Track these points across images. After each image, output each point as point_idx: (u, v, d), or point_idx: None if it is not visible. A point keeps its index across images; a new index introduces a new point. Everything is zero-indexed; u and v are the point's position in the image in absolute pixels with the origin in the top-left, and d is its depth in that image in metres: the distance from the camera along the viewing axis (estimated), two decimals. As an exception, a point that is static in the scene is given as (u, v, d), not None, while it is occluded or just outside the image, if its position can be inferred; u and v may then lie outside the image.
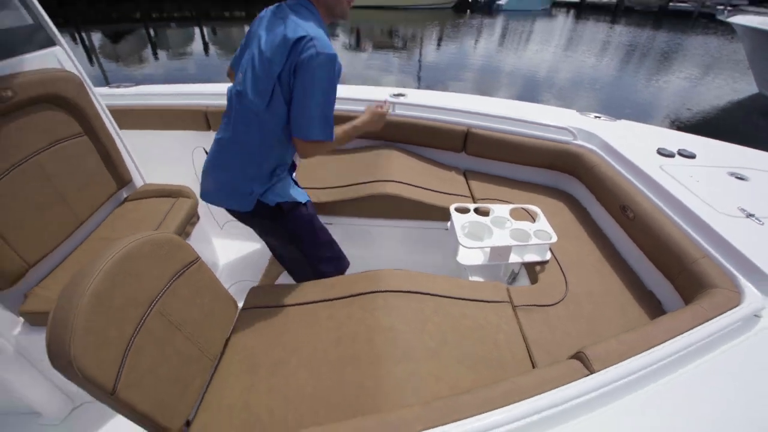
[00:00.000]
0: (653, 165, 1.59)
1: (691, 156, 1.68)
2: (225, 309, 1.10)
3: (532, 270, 1.47)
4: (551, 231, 1.47)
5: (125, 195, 1.78)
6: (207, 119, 2.11)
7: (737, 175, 1.54)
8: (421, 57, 12.37)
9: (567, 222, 1.73)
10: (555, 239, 1.43)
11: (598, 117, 2.11)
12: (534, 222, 1.55)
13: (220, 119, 1.32)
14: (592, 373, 0.81)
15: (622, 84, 9.70)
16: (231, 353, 1.08)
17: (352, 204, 1.79)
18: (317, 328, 1.13)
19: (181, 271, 0.95)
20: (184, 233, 1.70)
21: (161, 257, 0.91)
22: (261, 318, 1.18)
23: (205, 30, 15.89)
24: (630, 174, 1.60)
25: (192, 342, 0.94)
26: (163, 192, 1.77)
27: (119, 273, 0.80)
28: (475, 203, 1.73)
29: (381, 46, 14.25)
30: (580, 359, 0.87)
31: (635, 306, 1.30)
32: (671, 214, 1.35)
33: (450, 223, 1.55)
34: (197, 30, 16.13)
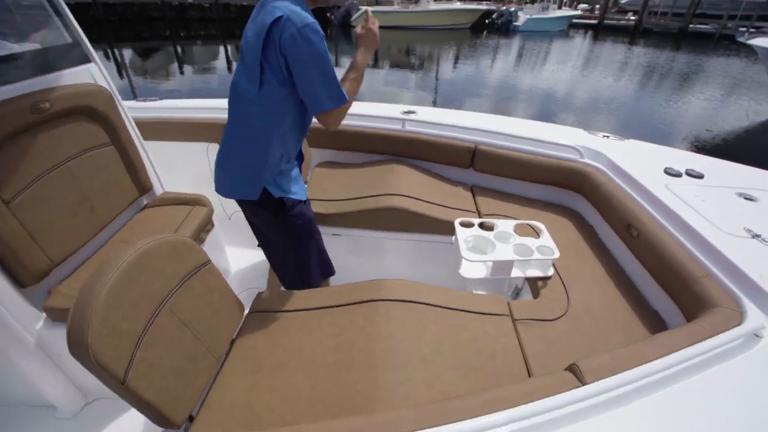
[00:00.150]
0: (659, 184, 1.60)
1: (699, 176, 1.68)
2: (232, 311, 1.15)
3: (534, 285, 1.48)
4: (554, 247, 1.48)
5: (145, 202, 1.87)
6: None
7: (746, 196, 1.53)
8: (438, 76, 12.58)
9: (572, 239, 1.74)
10: (557, 255, 1.45)
11: (606, 136, 2.13)
12: (538, 238, 1.57)
13: None
14: (583, 385, 0.82)
15: (640, 105, 9.65)
16: (235, 354, 1.13)
17: (359, 216, 1.84)
18: (318, 333, 1.17)
19: (193, 272, 1.01)
20: (198, 239, 1.77)
21: (174, 258, 0.97)
22: (266, 322, 1.23)
23: (229, 48, 16.54)
24: (635, 193, 1.61)
25: (199, 340, 0.99)
26: (181, 200, 1.86)
27: (135, 270, 0.86)
28: (481, 218, 1.76)
29: (398, 64, 14.55)
30: (572, 371, 0.88)
31: (638, 324, 1.30)
32: (675, 232, 1.36)
33: (455, 237, 1.58)
34: (221, 48, 16.81)
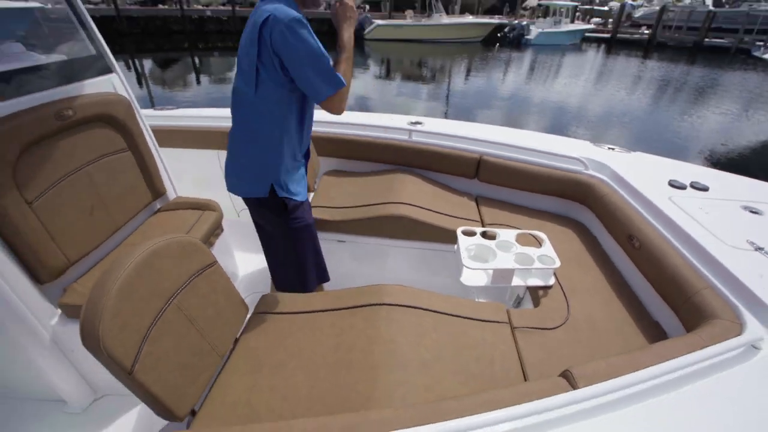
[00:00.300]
0: (662, 196, 1.60)
1: (704, 188, 1.68)
2: (236, 311, 1.19)
3: (536, 294, 1.49)
4: (555, 256, 1.50)
5: (158, 206, 1.94)
6: None
7: (751, 209, 1.53)
8: (449, 88, 12.69)
9: (575, 249, 1.74)
10: (558, 264, 1.46)
11: (611, 148, 2.14)
12: (540, 247, 1.58)
13: None
14: (574, 390, 0.83)
15: (654, 118, 9.57)
16: (238, 352, 1.16)
17: (364, 223, 1.88)
18: (319, 334, 1.20)
19: (200, 272, 1.06)
20: (208, 243, 1.83)
21: (183, 258, 1.02)
22: (269, 323, 1.26)
23: (245, 59, 16.92)
24: (638, 204, 1.62)
25: (204, 337, 1.03)
26: (192, 205, 1.92)
27: (145, 268, 0.90)
28: (484, 228, 1.78)
29: (410, 76, 14.73)
30: (566, 377, 0.89)
31: (638, 335, 1.29)
32: (676, 244, 1.36)
33: (457, 246, 1.61)
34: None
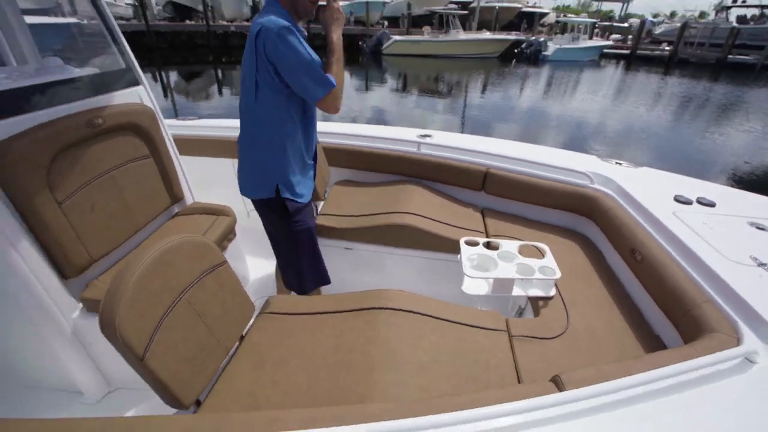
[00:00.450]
0: (666, 210, 1.61)
1: (711, 204, 1.68)
2: (243, 309, 1.25)
3: (536, 305, 1.51)
4: (556, 267, 1.51)
5: (176, 210, 2.04)
6: None
7: (758, 225, 1.52)
8: (466, 102, 12.78)
9: (579, 262, 1.75)
10: (558, 275, 1.48)
11: (619, 163, 2.15)
12: (541, 259, 1.60)
13: None
14: (560, 392, 0.85)
15: (674, 134, 9.41)
16: (244, 348, 1.22)
17: (371, 232, 1.94)
18: (320, 335, 1.25)
19: (210, 270, 1.13)
20: (221, 246, 1.91)
21: (195, 256, 1.09)
22: (274, 322, 1.32)
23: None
24: (641, 218, 1.62)
25: (211, 332, 1.09)
26: (208, 210, 2.02)
27: (160, 264, 0.98)
28: (488, 238, 1.81)
29: (427, 91, 14.91)
30: (554, 381, 0.92)
31: (637, 347, 1.30)
32: (678, 258, 1.36)
33: (460, 255, 1.64)
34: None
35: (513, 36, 24.11)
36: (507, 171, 2.12)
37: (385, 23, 28.62)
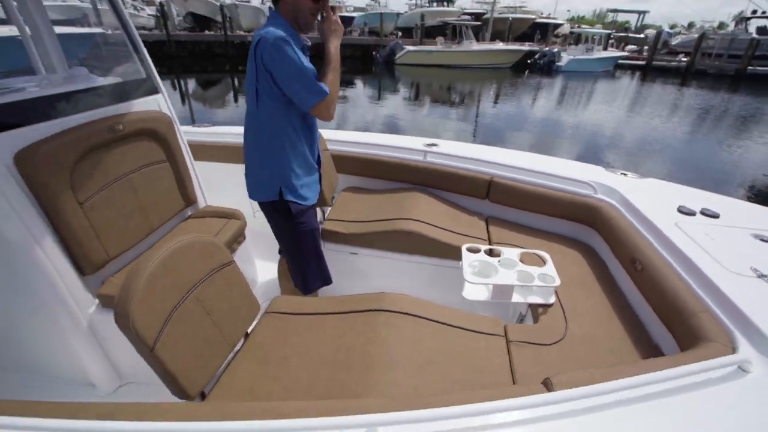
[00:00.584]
0: (668, 221, 1.61)
1: (715, 215, 1.68)
2: (249, 308, 1.31)
3: (536, 312, 1.53)
4: (555, 275, 1.53)
5: (189, 213, 2.12)
6: None
7: (761, 237, 1.52)
8: (477, 112, 12.82)
9: (581, 271, 1.77)
10: (558, 283, 1.50)
11: (624, 174, 2.16)
12: (542, 267, 1.62)
13: None
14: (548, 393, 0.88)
15: (691, 147, 9.27)
16: (248, 345, 1.27)
17: (376, 237, 1.98)
18: (322, 335, 1.29)
19: (218, 269, 1.18)
20: (230, 249, 1.98)
21: (204, 256, 1.15)
22: (278, 321, 1.37)
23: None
24: (643, 228, 1.64)
25: (218, 328, 1.14)
26: (219, 213, 2.09)
27: (171, 262, 1.04)
28: (490, 246, 1.84)
29: (439, 100, 15.02)
30: (545, 384, 0.94)
31: (635, 355, 1.30)
32: (677, 267, 1.37)
33: (462, 261, 1.67)
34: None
35: (526, 47, 24.14)
36: (511, 180, 2.14)
37: (399, 34, 29.00)
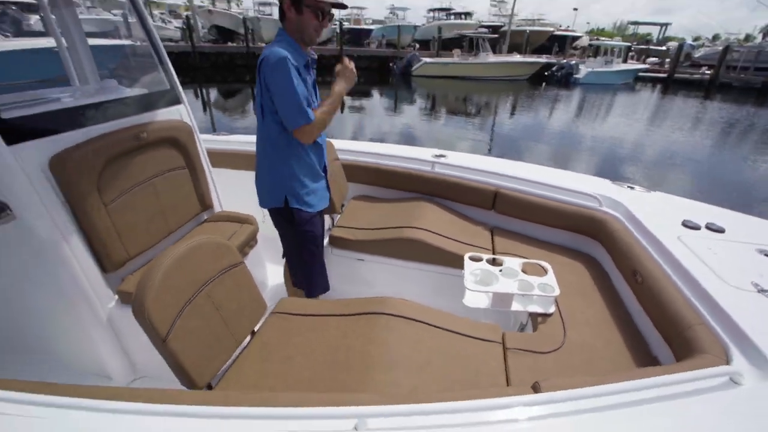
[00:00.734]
0: (671, 234, 1.62)
1: (720, 230, 1.67)
2: (256, 307, 1.38)
3: (536, 321, 1.55)
4: (555, 285, 1.56)
5: (205, 217, 2.23)
6: None
7: (766, 253, 1.51)
8: (493, 123, 12.83)
9: (584, 282, 1.78)
10: (557, 293, 1.52)
11: (631, 187, 2.17)
12: (543, 277, 1.64)
13: None
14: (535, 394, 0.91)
15: (713, 162, 9.03)
16: (254, 343, 1.34)
17: (382, 244, 2.04)
18: (325, 335, 1.35)
19: (228, 269, 1.26)
20: (242, 252, 2.06)
21: (215, 256, 1.23)
22: (283, 321, 1.43)
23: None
24: (645, 240, 1.65)
25: (226, 325, 1.22)
26: (233, 218, 2.19)
27: (184, 260, 1.12)
28: (493, 255, 1.87)
29: (455, 111, 15.09)
30: (534, 388, 0.97)
31: (632, 366, 1.31)
32: (676, 280, 1.38)
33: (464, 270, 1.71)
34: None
35: (543, 59, 24.08)
36: (517, 191, 2.18)
37: (416, 46, 29.32)
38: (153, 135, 1.79)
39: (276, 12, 1.70)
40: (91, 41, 2.08)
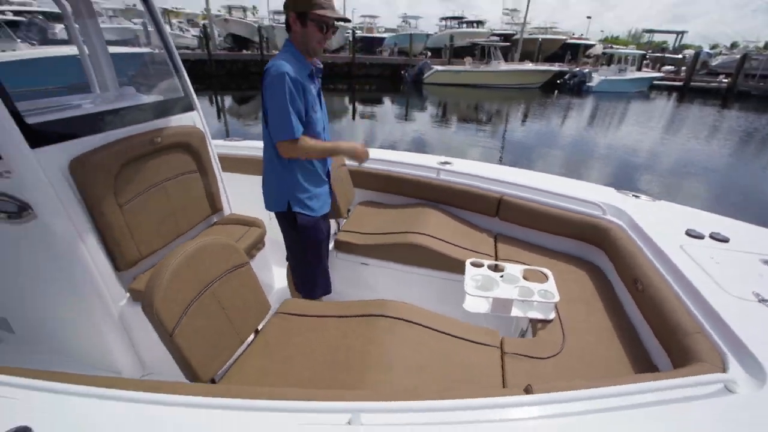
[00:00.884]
0: (673, 244, 1.62)
1: (724, 240, 1.67)
2: (260, 307, 1.42)
3: (536, 327, 1.56)
4: (555, 292, 1.57)
5: (215, 220, 2.29)
6: None
7: None
8: (505, 131, 12.79)
9: (586, 290, 1.78)
10: (557, 299, 1.53)
11: (636, 196, 2.17)
12: (544, 283, 1.65)
13: None
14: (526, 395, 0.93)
15: (730, 172, 8.84)
16: (257, 341, 1.38)
17: (386, 249, 2.08)
18: (325, 335, 1.38)
19: (233, 269, 1.31)
20: (249, 255, 2.12)
21: (222, 256, 1.28)
22: (286, 321, 1.47)
23: (312, 98, 18.56)
24: (647, 249, 1.65)
25: (230, 322, 1.26)
26: (242, 221, 2.25)
27: (192, 260, 1.17)
28: (495, 262, 1.89)
29: (465, 119, 15.11)
30: (526, 390, 0.99)
31: (630, 373, 1.31)
32: (677, 289, 1.39)
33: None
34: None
35: (555, 67, 23.97)
36: (521, 199, 2.19)
37: (428, 54, 29.50)
38: (167, 140, 1.87)
39: None
40: (111, 49, 2.18)
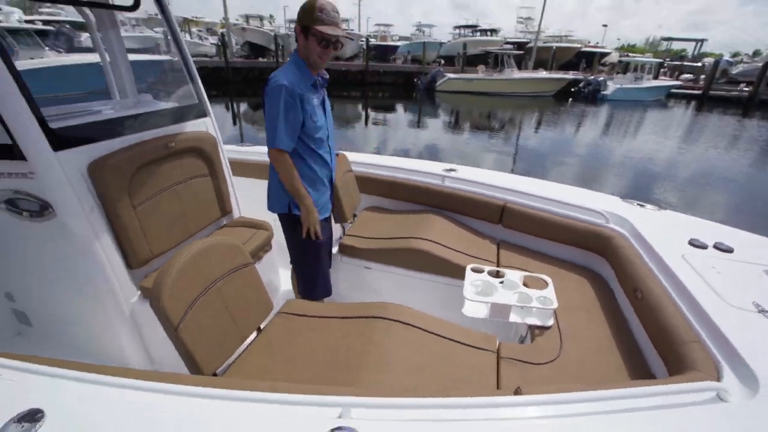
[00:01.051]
0: (675, 253, 1.62)
1: (728, 250, 1.65)
2: (263, 307, 1.47)
3: (534, 333, 1.57)
4: (554, 298, 1.58)
5: (224, 222, 2.37)
6: None
7: None
8: (517, 140, 12.74)
9: (587, 298, 1.78)
10: (555, 306, 1.54)
11: (641, 205, 2.16)
12: (543, 290, 1.66)
13: None
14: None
15: (752, 184, 8.63)
16: (259, 339, 1.43)
17: (389, 254, 2.11)
18: (326, 335, 1.42)
19: (238, 269, 1.36)
20: (256, 257, 2.18)
21: (227, 256, 1.34)
22: (288, 321, 1.52)
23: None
24: (648, 258, 1.65)
25: (234, 320, 1.31)
26: (250, 224, 2.32)
27: (199, 258, 1.23)
28: (497, 268, 1.90)
29: (478, 127, 15.11)
30: (516, 392, 1.01)
31: (627, 381, 1.31)
32: (675, 297, 1.39)
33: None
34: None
35: (570, 75, 23.78)
36: (524, 206, 2.21)
37: (441, 62, 29.62)
38: (180, 144, 1.95)
39: None
40: (130, 56, 2.29)
